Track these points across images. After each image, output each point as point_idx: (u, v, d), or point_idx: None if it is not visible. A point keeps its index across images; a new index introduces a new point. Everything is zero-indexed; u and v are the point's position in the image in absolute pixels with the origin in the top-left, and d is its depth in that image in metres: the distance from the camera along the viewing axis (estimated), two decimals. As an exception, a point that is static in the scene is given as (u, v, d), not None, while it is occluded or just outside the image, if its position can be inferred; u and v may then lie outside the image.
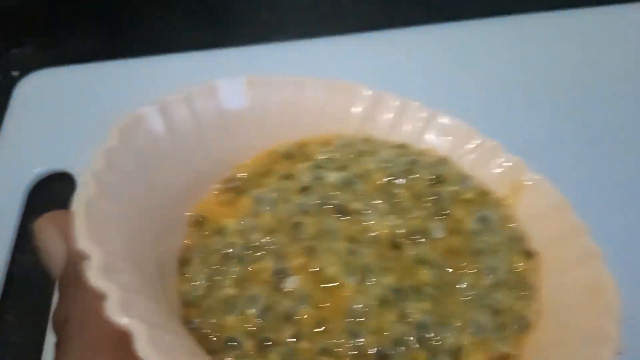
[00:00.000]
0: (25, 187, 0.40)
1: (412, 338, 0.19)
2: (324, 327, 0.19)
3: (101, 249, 0.15)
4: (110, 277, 0.15)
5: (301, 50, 0.42)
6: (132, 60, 0.43)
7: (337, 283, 0.20)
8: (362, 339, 0.19)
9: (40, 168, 0.40)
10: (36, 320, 0.34)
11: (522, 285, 0.21)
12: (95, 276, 0.15)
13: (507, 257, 0.22)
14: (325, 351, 0.18)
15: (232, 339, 0.19)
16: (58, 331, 0.17)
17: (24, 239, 0.38)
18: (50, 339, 0.33)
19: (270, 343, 0.18)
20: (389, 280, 0.20)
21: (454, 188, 0.24)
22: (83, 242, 0.15)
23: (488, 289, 0.21)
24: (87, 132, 0.40)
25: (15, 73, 0.46)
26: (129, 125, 0.20)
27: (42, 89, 0.44)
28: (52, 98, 0.43)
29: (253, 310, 0.19)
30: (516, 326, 0.20)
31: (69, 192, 0.40)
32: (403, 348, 0.19)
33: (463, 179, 0.24)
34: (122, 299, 0.14)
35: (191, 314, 0.19)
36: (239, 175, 0.24)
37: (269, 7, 0.48)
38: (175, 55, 0.43)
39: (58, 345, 0.16)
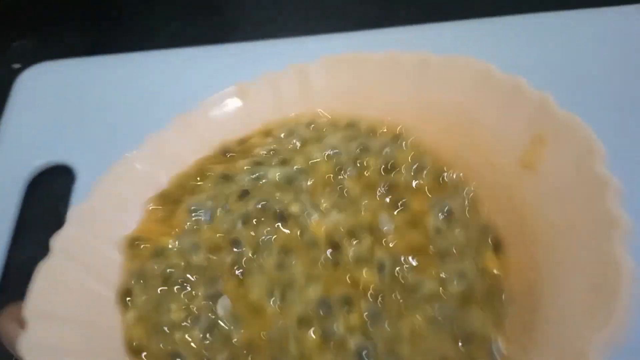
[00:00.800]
0: (25, 179, 0.40)
1: None
2: (252, 351, 0.18)
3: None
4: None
5: (300, 47, 0.42)
6: (133, 54, 0.43)
7: (261, 305, 0.19)
8: None
9: (40, 160, 0.40)
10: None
11: (496, 295, 0.18)
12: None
13: (476, 258, 0.19)
14: None
15: (177, 354, 0.19)
16: None
17: (22, 232, 0.38)
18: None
19: None
20: (313, 293, 0.19)
21: (407, 175, 0.21)
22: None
23: (453, 301, 0.18)
24: (87, 126, 0.40)
25: (16, 65, 0.47)
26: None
27: (44, 82, 0.44)
28: (53, 91, 0.43)
29: (195, 332, 0.19)
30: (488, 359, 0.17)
31: (68, 185, 0.40)
32: None
33: (417, 162, 0.22)
34: None
35: (135, 336, 0.19)
36: (173, 184, 0.23)
37: (268, 1, 0.48)
38: (176, 50, 0.44)
39: None
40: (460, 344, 0.17)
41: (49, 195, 0.39)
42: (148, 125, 0.25)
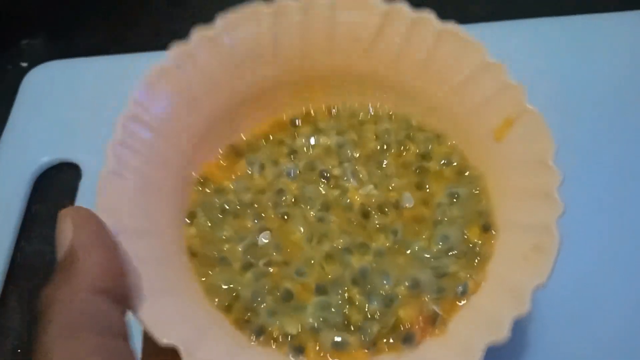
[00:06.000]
0: (31, 175, 0.41)
1: (347, 279, 0.24)
2: (285, 265, 0.25)
3: (112, 219, 0.21)
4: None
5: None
6: (141, 54, 0.44)
7: (300, 244, 0.26)
8: (307, 279, 0.25)
9: (46, 158, 0.41)
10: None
11: (473, 255, 0.24)
12: None
13: (462, 228, 0.25)
14: (284, 278, 0.25)
15: (224, 259, 0.25)
16: (42, 310, 0.18)
17: (29, 227, 0.39)
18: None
19: (250, 266, 0.25)
20: (342, 242, 0.25)
21: (436, 166, 0.27)
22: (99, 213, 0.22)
23: (438, 253, 0.25)
24: (94, 124, 0.40)
25: (24, 64, 0.47)
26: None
27: (51, 80, 0.45)
28: (61, 89, 0.44)
29: (240, 248, 0.25)
30: (454, 292, 0.23)
31: (74, 182, 0.40)
32: (339, 290, 0.24)
33: (447, 158, 0.27)
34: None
35: (193, 245, 0.26)
36: (242, 139, 0.29)
37: None
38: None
39: (40, 324, 0.18)
40: (435, 277, 0.24)
41: (55, 192, 0.40)
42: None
